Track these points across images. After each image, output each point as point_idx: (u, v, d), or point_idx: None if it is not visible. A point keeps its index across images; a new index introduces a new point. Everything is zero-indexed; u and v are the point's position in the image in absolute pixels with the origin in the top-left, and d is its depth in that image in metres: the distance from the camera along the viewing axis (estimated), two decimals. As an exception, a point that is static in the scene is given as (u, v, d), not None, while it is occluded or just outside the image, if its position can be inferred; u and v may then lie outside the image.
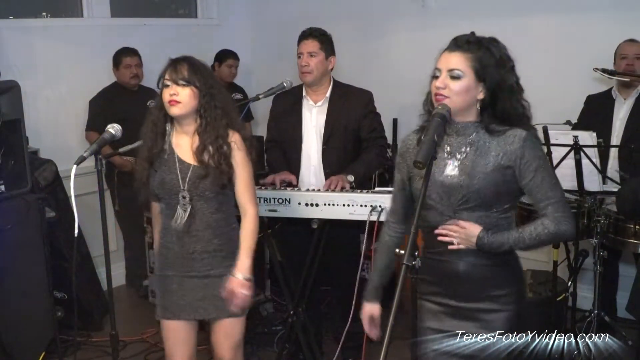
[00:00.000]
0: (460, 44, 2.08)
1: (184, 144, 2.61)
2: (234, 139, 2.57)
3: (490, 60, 2.07)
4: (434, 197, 2.14)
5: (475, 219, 2.09)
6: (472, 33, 2.13)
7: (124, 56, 4.73)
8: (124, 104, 4.60)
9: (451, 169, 2.12)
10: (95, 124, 4.62)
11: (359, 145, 3.56)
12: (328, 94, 3.54)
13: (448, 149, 2.14)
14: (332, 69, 3.55)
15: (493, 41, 2.12)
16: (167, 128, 2.63)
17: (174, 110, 2.52)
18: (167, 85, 2.53)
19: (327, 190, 3.27)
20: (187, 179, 2.56)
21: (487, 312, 2.14)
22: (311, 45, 3.45)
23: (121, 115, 4.07)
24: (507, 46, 2.12)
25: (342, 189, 3.28)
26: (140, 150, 2.65)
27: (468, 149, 2.12)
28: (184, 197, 2.57)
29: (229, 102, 2.67)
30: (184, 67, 2.53)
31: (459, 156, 2.13)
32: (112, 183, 4.70)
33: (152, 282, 2.90)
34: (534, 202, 2.15)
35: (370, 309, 2.35)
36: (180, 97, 2.50)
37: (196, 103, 2.54)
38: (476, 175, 2.08)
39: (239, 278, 2.59)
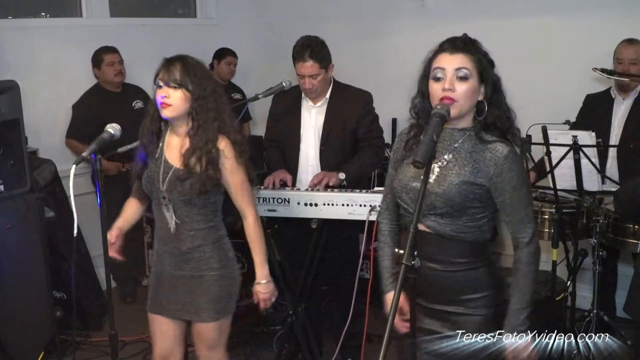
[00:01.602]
0: (460, 46, 2.06)
1: (174, 145, 2.59)
2: (223, 145, 2.52)
3: (486, 61, 2.08)
4: (405, 199, 2.16)
5: (441, 225, 2.09)
6: (465, 35, 2.11)
7: (105, 54, 4.65)
8: (108, 107, 4.51)
9: (429, 175, 2.11)
10: (75, 131, 4.57)
11: (356, 146, 3.56)
12: (328, 95, 3.54)
13: None
14: (331, 74, 3.53)
15: (477, 41, 2.11)
16: (162, 127, 2.62)
17: (165, 113, 2.49)
18: (160, 87, 2.49)
19: (314, 189, 3.28)
20: (167, 181, 2.54)
21: (456, 315, 2.13)
22: (311, 68, 3.37)
23: (106, 120, 4.02)
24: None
25: (327, 187, 3.28)
26: (138, 147, 2.65)
27: (450, 156, 2.11)
28: (163, 198, 2.56)
29: (224, 104, 2.61)
30: (176, 67, 2.48)
31: (439, 163, 2.11)
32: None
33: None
34: (506, 220, 2.12)
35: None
36: (171, 100, 2.46)
37: (188, 106, 2.50)
38: (446, 185, 2.07)
39: (259, 289, 2.70)
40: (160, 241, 2.65)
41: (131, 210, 2.80)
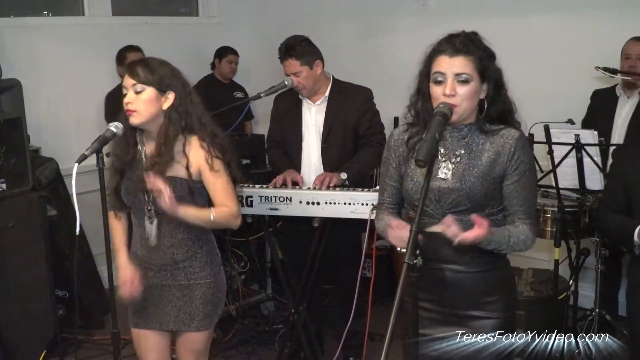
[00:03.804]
0: (459, 47, 2.02)
1: (152, 151, 2.46)
2: (193, 146, 2.41)
3: (486, 57, 2.05)
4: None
5: (465, 222, 2.05)
6: (463, 32, 2.08)
7: (128, 52, 4.66)
8: None
9: (444, 172, 2.10)
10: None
11: (358, 142, 3.56)
12: (327, 93, 3.54)
13: (442, 150, 2.11)
14: (321, 71, 3.51)
15: (476, 35, 2.08)
16: (137, 135, 2.49)
17: (132, 120, 2.39)
18: (125, 94, 2.38)
19: (314, 188, 3.28)
20: (152, 190, 2.38)
21: (475, 319, 2.13)
22: (291, 66, 3.42)
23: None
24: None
25: (329, 186, 3.28)
26: (111, 159, 2.52)
27: (462, 151, 2.10)
28: (149, 210, 2.46)
29: (195, 102, 2.47)
30: (138, 68, 2.36)
31: (453, 159, 2.11)
32: None
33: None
34: (507, 204, 2.09)
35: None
36: (135, 105, 2.35)
37: (155, 109, 2.37)
38: (467, 180, 2.06)
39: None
40: (145, 252, 2.53)
41: (121, 232, 2.62)
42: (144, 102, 2.36)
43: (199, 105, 2.48)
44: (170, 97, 2.40)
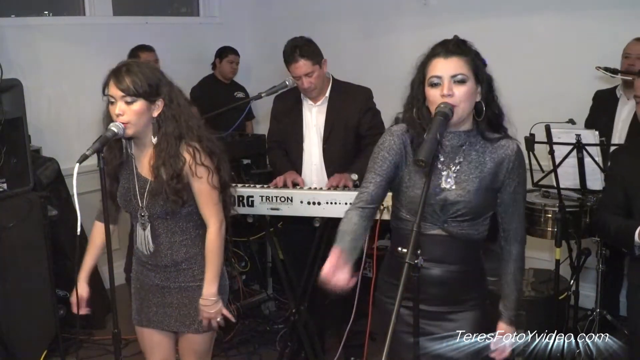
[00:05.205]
0: (453, 49, 2.03)
1: (143, 156, 2.45)
2: (185, 152, 2.38)
3: (479, 61, 2.06)
4: (426, 208, 2.06)
5: (465, 228, 2.09)
6: (456, 36, 2.09)
7: (142, 52, 4.62)
8: None
9: (447, 181, 2.10)
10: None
11: (359, 142, 3.56)
12: (327, 93, 3.54)
13: (442, 158, 2.10)
14: (326, 70, 3.52)
15: (468, 42, 2.10)
16: (123, 141, 2.44)
17: (127, 132, 2.34)
18: (112, 102, 2.33)
19: (329, 188, 3.27)
20: (145, 195, 2.42)
21: (452, 314, 2.15)
22: (304, 67, 3.38)
23: None
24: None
25: (345, 187, 3.28)
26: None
27: (461, 159, 2.10)
28: (142, 216, 2.45)
29: (183, 106, 2.43)
30: (125, 76, 2.31)
31: (453, 168, 2.10)
32: None
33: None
34: (504, 220, 2.17)
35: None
36: (127, 117, 2.30)
37: (148, 116, 2.34)
38: (472, 191, 2.07)
39: (206, 308, 2.48)
40: (145, 254, 2.54)
41: (95, 248, 2.67)
42: (135, 114, 2.32)
43: (185, 108, 2.45)
44: (160, 104, 2.37)
